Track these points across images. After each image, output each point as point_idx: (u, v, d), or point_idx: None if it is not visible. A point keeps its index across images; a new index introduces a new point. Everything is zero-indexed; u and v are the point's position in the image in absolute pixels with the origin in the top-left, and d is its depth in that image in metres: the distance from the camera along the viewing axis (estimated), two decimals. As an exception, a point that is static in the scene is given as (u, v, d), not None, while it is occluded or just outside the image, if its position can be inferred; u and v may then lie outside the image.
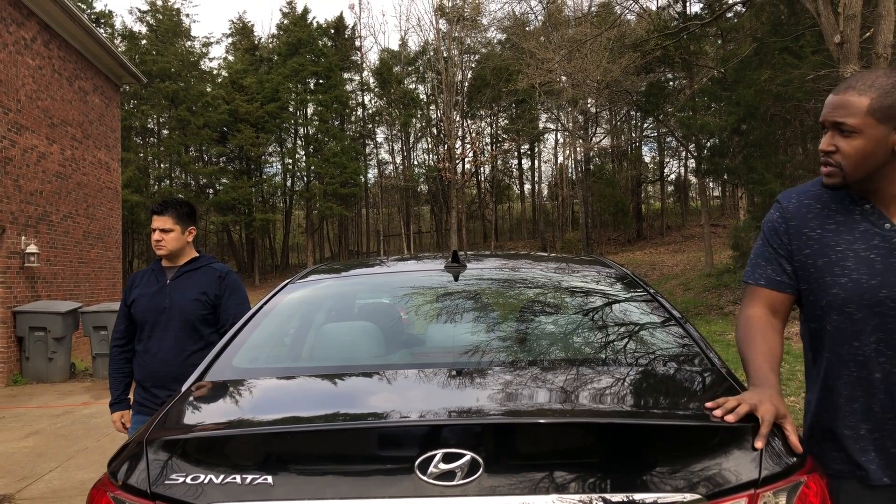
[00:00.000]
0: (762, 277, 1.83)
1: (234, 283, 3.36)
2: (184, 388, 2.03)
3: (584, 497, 1.43)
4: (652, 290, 2.52)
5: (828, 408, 1.78)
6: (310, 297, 2.76)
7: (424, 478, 1.44)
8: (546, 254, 3.44)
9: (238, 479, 1.50)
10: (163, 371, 3.24)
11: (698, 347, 2.07)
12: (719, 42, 22.95)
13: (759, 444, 1.51)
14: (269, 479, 1.49)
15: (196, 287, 3.29)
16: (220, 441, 1.63)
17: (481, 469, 1.45)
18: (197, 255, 3.44)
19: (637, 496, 1.43)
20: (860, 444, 1.70)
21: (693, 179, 34.99)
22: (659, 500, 1.43)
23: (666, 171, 40.72)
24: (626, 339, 2.24)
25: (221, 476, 1.51)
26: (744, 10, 17.68)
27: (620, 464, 1.48)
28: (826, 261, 1.72)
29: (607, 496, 1.43)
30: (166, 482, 1.53)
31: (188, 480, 1.52)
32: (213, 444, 1.64)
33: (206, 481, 1.51)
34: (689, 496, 1.43)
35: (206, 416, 1.88)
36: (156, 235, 3.32)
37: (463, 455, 1.46)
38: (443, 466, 1.45)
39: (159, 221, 3.33)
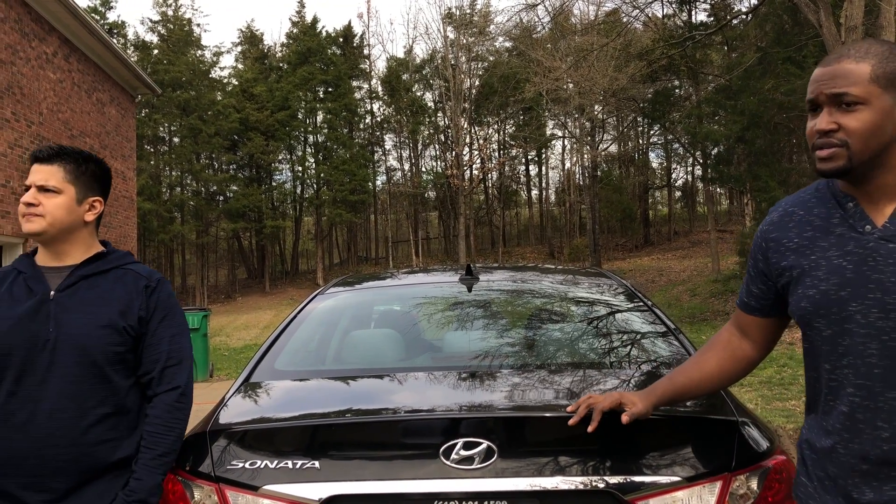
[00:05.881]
0: (738, 298, 1.76)
1: (169, 301, 2.01)
2: (231, 391, 2.29)
3: (584, 479, 1.69)
4: (649, 302, 2.79)
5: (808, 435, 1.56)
6: (340, 306, 3.04)
7: (448, 462, 1.71)
8: (552, 266, 3.71)
9: (289, 464, 1.77)
10: (39, 452, 1.80)
11: (687, 354, 2.34)
12: (725, 49, 23.19)
13: (573, 421, 1.72)
14: (316, 463, 1.76)
15: (105, 303, 1.92)
16: (273, 432, 1.91)
17: (496, 455, 1.71)
18: (103, 248, 2.05)
19: (629, 478, 1.69)
20: (825, 484, 1.47)
21: (700, 185, 35.15)
22: (648, 482, 1.69)
23: (673, 177, 40.90)
24: (623, 346, 2.51)
25: (275, 461, 1.78)
26: (749, 19, 17.92)
27: (615, 451, 1.75)
28: (799, 271, 1.53)
29: (605, 478, 1.69)
30: (228, 467, 1.80)
31: (246, 465, 1.79)
32: (267, 434, 1.91)
33: (261, 466, 1.78)
34: (673, 478, 1.70)
35: (259, 410, 2.15)
36: (27, 196, 1.92)
37: (480, 443, 1.73)
38: (463, 453, 1.72)
39: (40, 173, 1.94)
